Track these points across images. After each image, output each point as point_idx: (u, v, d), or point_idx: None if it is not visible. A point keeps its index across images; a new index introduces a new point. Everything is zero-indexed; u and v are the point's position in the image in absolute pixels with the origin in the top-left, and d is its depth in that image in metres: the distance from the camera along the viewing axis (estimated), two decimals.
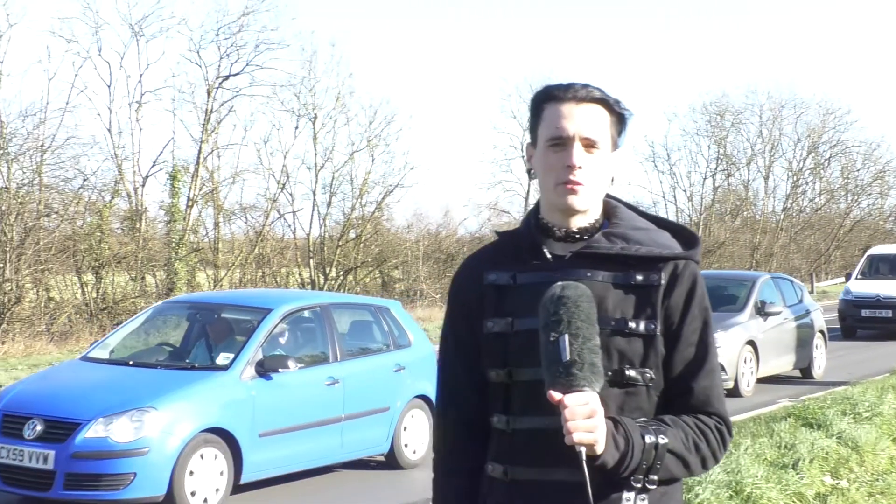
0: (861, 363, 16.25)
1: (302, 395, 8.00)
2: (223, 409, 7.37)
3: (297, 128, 26.90)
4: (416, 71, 57.80)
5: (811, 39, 66.25)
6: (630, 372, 2.06)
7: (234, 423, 7.39)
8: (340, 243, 27.00)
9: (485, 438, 2.17)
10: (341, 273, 26.95)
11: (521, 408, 2.09)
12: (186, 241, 24.04)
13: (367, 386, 8.52)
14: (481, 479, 2.18)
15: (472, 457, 2.19)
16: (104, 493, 6.84)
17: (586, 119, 2.09)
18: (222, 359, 7.74)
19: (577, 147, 2.08)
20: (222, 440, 7.32)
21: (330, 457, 8.30)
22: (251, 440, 7.50)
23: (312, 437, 8.03)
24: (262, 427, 7.61)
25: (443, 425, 2.27)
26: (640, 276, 2.09)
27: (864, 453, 8.28)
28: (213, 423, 7.26)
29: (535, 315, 1.97)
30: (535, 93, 2.18)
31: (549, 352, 1.92)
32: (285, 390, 7.85)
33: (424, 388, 8.96)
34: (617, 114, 2.14)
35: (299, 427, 7.91)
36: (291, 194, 27.11)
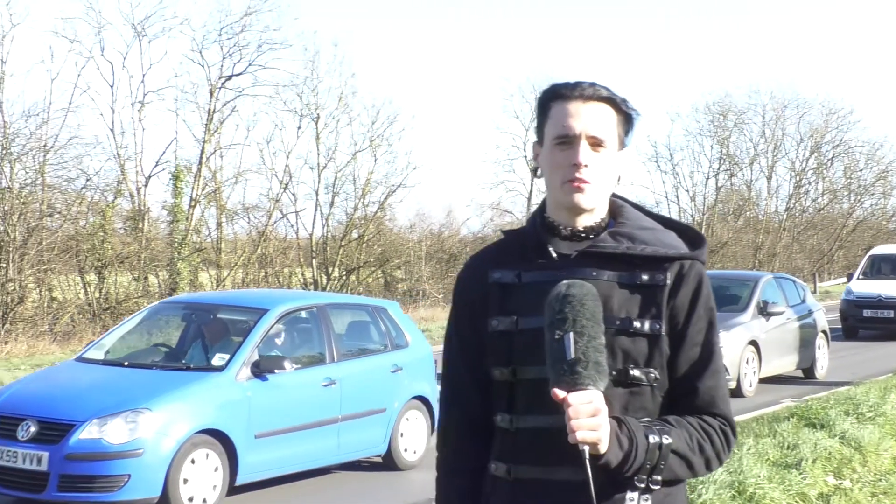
0: (863, 363, 16.22)
1: (298, 396, 7.96)
2: (218, 411, 7.33)
3: (299, 128, 26.93)
4: (418, 71, 57.84)
5: (814, 39, 66.16)
6: (634, 372, 2.05)
7: (229, 424, 7.35)
8: (343, 243, 27.00)
9: (488, 437, 2.15)
10: (344, 273, 26.95)
11: (524, 406, 2.08)
12: (189, 242, 24.06)
13: (364, 387, 8.48)
14: (485, 479, 2.16)
15: (475, 456, 2.17)
16: (98, 495, 6.81)
17: (593, 117, 2.08)
18: (218, 359, 7.70)
19: (583, 145, 2.07)
20: (217, 441, 7.28)
21: (326, 458, 8.26)
22: (247, 441, 7.47)
23: (309, 439, 7.99)
24: (258, 428, 7.57)
25: (446, 424, 2.25)
26: (645, 276, 2.08)
27: (867, 453, 8.27)
28: (209, 424, 7.23)
29: (540, 314, 1.96)
30: (542, 91, 2.17)
31: (553, 350, 1.91)
32: (281, 391, 7.81)
33: (422, 389, 8.93)
34: (624, 113, 2.13)
35: (295, 428, 7.88)
36: (294, 194, 27.14)
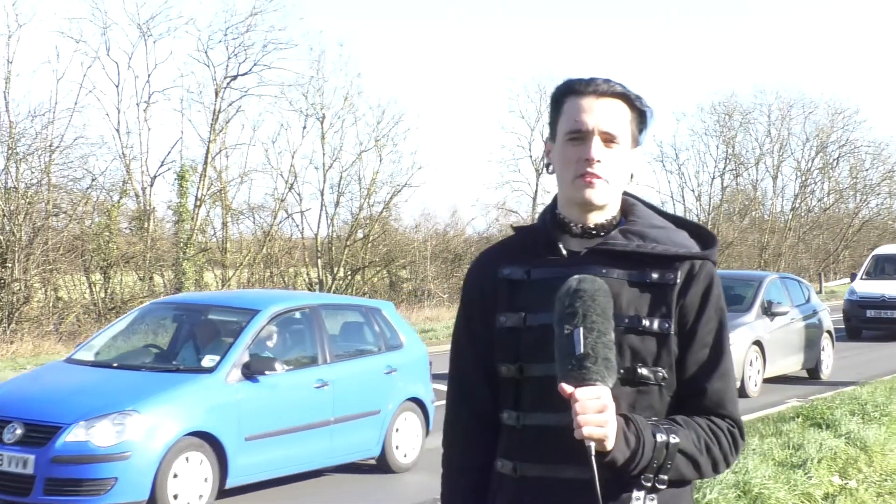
0: (867, 363, 16.16)
1: (290, 397, 7.87)
2: (208, 413, 7.24)
3: (305, 128, 26.94)
4: (423, 70, 57.84)
5: (820, 39, 65.92)
6: (642, 370, 2.03)
7: (219, 426, 7.26)
8: (348, 243, 26.97)
9: (495, 435, 2.14)
10: (349, 273, 26.91)
11: (531, 404, 2.06)
12: (194, 241, 24.06)
13: (358, 388, 8.39)
14: (491, 476, 2.14)
15: (482, 454, 2.15)
16: (85, 499, 6.71)
17: (606, 113, 2.06)
18: (208, 361, 7.61)
19: (595, 141, 2.05)
20: (207, 444, 7.20)
21: (319, 461, 8.16)
22: (237, 444, 7.38)
23: (301, 441, 7.90)
24: (249, 430, 7.48)
25: (453, 421, 2.23)
26: (655, 275, 2.06)
27: (872, 453, 8.24)
28: (198, 426, 7.14)
29: (549, 310, 1.95)
30: (555, 87, 2.14)
31: (562, 345, 1.89)
32: (273, 393, 7.72)
33: (417, 391, 8.83)
34: (638, 110, 2.11)
35: (287, 430, 7.79)
36: (299, 194, 27.15)
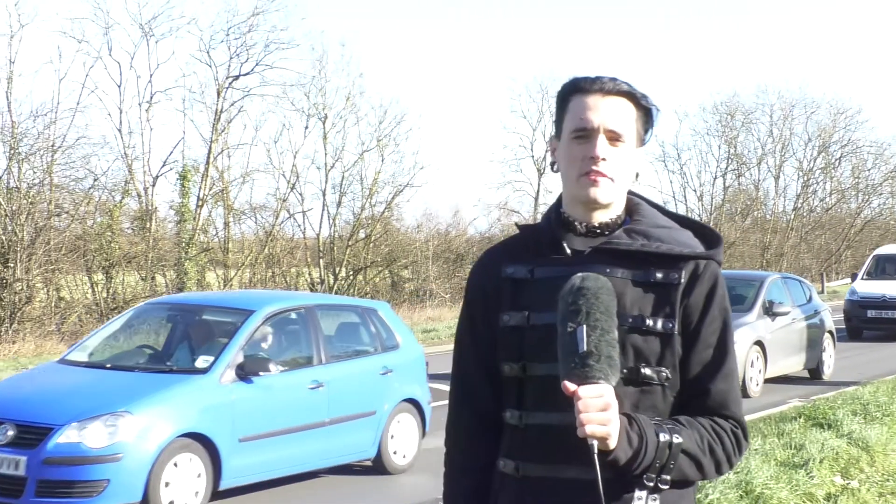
0: (869, 364, 16.12)
1: (284, 398, 7.82)
2: (201, 414, 7.20)
3: (307, 127, 26.94)
4: (425, 70, 57.79)
5: (822, 39, 65.76)
6: (646, 370, 2.02)
7: (212, 427, 7.22)
8: (350, 243, 26.94)
9: (497, 434, 2.13)
10: (351, 273, 26.89)
11: (534, 403, 2.05)
12: (196, 241, 24.06)
13: (353, 389, 8.34)
14: (493, 476, 2.13)
15: (485, 453, 2.14)
16: (77, 501, 6.67)
17: (612, 111, 2.05)
18: (202, 362, 7.57)
19: (601, 139, 2.04)
20: (200, 445, 7.16)
21: (314, 462, 8.11)
22: (231, 445, 7.33)
23: (295, 442, 7.85)
24: (243, 432, 7.44)
25: (456, 420, 2.22)
26: (659, 274, 2.05)
27: (874, 453, 8.23)
28: (191, 427, 7.10)
29: (552, 309, 1.94)
30: (562, 85, 2.14)
31: (565, 342, 1.88)
32: (267, 394, 7.67)
33: (413, 392, 8.78)
34: (644, 109, 2.10)
35: (281, 432, 7.74)
36: (301, 194, 27.14)
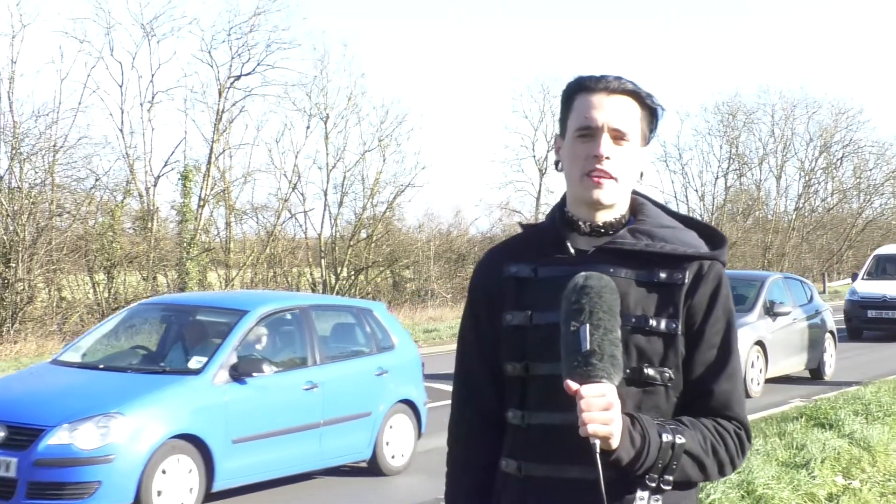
0: (870, 364, 16.08)
1: (278, 399, 7.77)
2: (194, 415, 7.15)
3: (308, 127, 26.92)
4: (427, 70, 57.73)
5: (823, 39, 65.64)
6: (649, 371, 2.01)
7: (205, 428, 7.17)
8: (352, 243, 26.92)
9: (500, 434, 2.12)
10: (352, 273, 26.86)
11: (536, 403, 2.04)
12: (198, 241, 24.04)
13: (348, 390, 8.29)
14: (495, 475, 2.13)
15: (487, 452, 2.14)
16: (68, 502, 6.62)
17: (616, 110, 2.04)
18: (195, 362, 7.52)
19: (605, 138, 2.03)
20: (193, 447, 7.10)
21: (309, 464, 8.06)
22: (224, 446, 7.28)
23: (290, 444, 7.80)
24: (236, 433, 7.39)
25: (458, 420, 2.21)
26: (663, 274, 2.04)
27: (876, 453, 8.22)
28: (184, 429, 7.05)
29: (555, 309, 1.93)
30: (567, 84, 2.12)
31: (568, 341, 1.87)
32: (261, 395, 7.62)
33: (408, 393, 8.74)
34: (649, 108, 2.09)
35: (275, 433, 7.69)
36: (303, 194, 27.11)
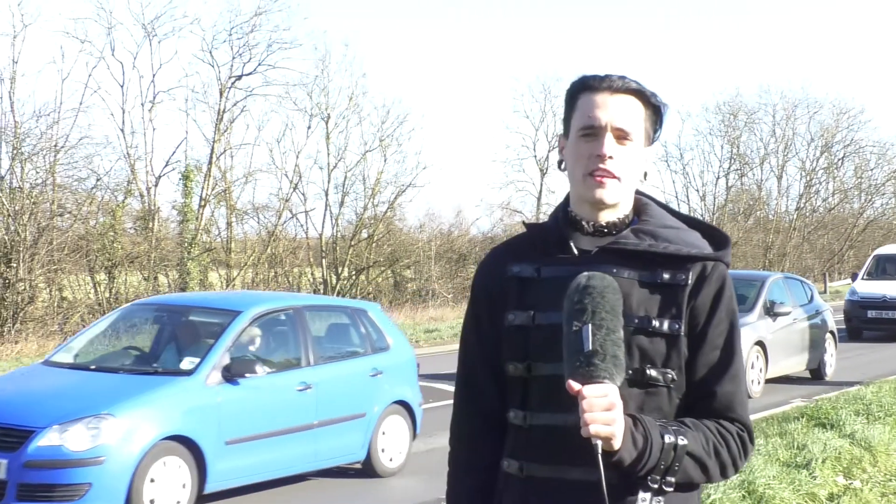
0: (870, 364, 16.05)
1: (272, 400, 7.73)
2: (186, 416, 7.11)
3: (309, 127, 26.89)
4: (428, 70, 57.70)
5: (824, 39, 65.52)
6: (651, 372, 2.00)
7: (197, 430, 7.12)
8: (353, 243, 26.89)
9: (502, 434, 2.12)
10: (353, 273, 26.84)
11: (538, 403, 2.03)
12: (199, 241, 24.01)
13: (342, 391, 8.24)
14: (497, 476, 2.12)
15: (489, 452, 2.13)
16: None
17: (620, 109, 2.03)
18: (187, 363, 7.47)
19: (608, 137, 2.02)
20: (185, 448, 7.06)
21: (302, 465, 8.01)
22: (216, 448, 7.24)
23: (283, 445, 7.75)
24: (229, 434, 7.34)
25: (460, 419, 2.21)
26: (666, 275, 2.03)
27: (877, 453, 8.21)
28: (176, 430, 7.01)
29: (558, 309, 1.92)
30: (571, 83, 2.11)
31: (570, 341, 1.86)
32: (254, 396, 7.58)
33: (403, 394, 8.68)
34: (653, 107, 2.09)
35: (268, 434, 7.64)
36: (304, 194, 27.08)
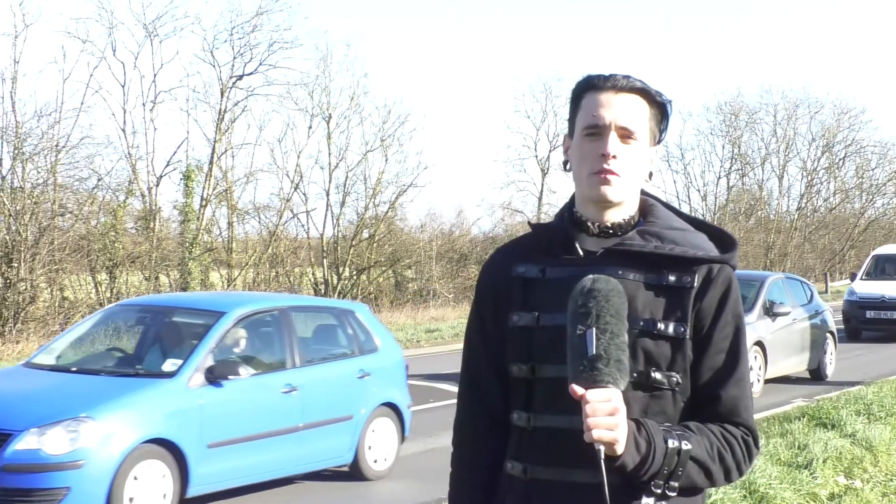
0: (870, 364, 15.97)
1: (256, 403, 7.63)
2: (168, 419, 7.01)
3: (310, 127, 26.83)
4: (429, 70, 57.66)
5: (826, 39, 65.30)
6: (656, 375, 1.99)
7: (179, 433, 7.03)
8: (354, 243, 26.83)
9: (505, 435, 2.10)
10: (354, 273, 26.77)
11: (542, 405, 2.02)
12: (200, 241, 23.96)
13: (328, 393, 8.14)
14: (500, 477, 2.10)
15: (492, 453, 2.11)
16: None
17: (624, 109, 2.02)
18: (170, 365, 7.37)
19: (612, 136, 2.01)
20: (167, 451, 6.96)
21: (288, 468, 7.91)
22: (199, 451, 7.14)
23: (268, 448, 7.65)
24: (211, 437, 7.24)
25: (463, 419, 2.19)
26: (672, 277, 2.02)
27: (878, 453, 8.18)
28: (157, 433, 6.91)
29: (562, 310, 1.90)
30: (575, 83, 2.10)
31: (574, 345, 1.85)
32: (237, 398, 7.48)
33: (391, 396, 8.58)
34: (659, 106, 2.07)
35: (252, 437, 7.54)
36: (305, 194, 27.03)
